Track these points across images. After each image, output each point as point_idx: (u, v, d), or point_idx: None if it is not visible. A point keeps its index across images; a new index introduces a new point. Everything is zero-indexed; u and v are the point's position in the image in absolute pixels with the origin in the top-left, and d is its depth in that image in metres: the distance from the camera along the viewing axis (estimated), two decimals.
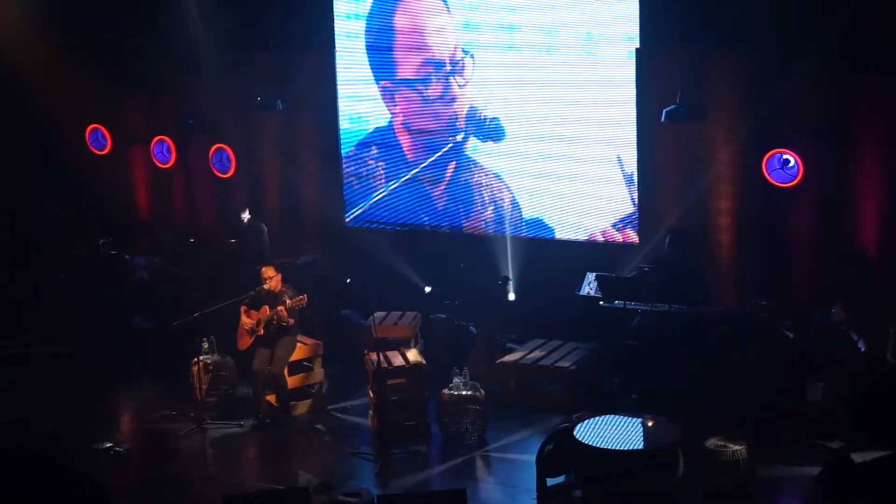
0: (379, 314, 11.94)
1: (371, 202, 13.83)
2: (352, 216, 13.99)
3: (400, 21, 13.24)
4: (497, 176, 13.04)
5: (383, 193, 13.74)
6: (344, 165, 14.01)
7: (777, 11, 10.75)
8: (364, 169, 13.86)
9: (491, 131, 12.95)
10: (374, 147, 13.77)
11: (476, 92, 12.96)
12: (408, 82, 13.30)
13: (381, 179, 13.77)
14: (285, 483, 9.51)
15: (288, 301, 10.79)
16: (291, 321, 10.87)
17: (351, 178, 13.95)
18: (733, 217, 11.84)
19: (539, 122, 12.62)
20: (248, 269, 12.26)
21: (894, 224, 10.98)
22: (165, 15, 14.00)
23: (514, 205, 12.99)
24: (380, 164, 13.74)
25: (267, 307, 10.87)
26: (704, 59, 11.70)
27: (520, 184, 12.92)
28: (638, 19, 11.84)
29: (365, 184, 13.89)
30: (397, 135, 13.60)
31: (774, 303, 10.76)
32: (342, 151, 13.98)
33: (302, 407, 11.25)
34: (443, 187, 13.38)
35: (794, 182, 11.27)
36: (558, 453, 8.92)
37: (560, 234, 12.75)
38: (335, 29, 13.68)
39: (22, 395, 11.96)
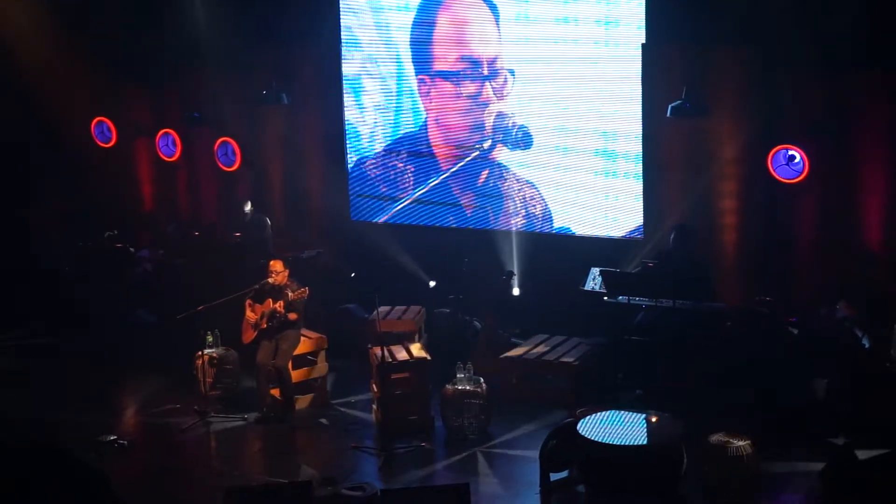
0: (383, 308, 11.93)
1: (398, 208, 13.76)
2: (381, 220, 13.91)
3: (443, 17, 13.13)
4: (529, 182, 12.93)
5: (410, 200, 13.66)
6: (368, 170, 13.91)
7: (782, 7, 10.73)
8: (392, 173, 13.80)
9: (519, 140, 12.86)
10: (403, 152, 13.70)
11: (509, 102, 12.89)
12: (443, 74, 13.17)
13: (409, 184, 13.72)
14: (289, 477, 9.52)
15: (290, 294, 10.78)
16: (293, 316, 10.85)
17: (378, 184, 13.87)
18: (738, 213, 11.82)
19: (567, 131, 12.57)
20: (252, 263, 12.26)
21: None
22: (171, 8, 14.02)
23: (546, 212, 12.90)
24: (408, 167, 13.69)
25: (271, 301, 10.86)
26: (710, 55, 11.67)
27: (550, 192, 12.82)
28: (644, 15, 11.84)
29: (392, 189, 13.83)
30: (430, 138, 13.46)
31: (779, 299, 10.75)
32: (360, 151, 13.92)
33: (305, 401, 11.25)
34: (472, 196, 13.32)
35: (800, 178, 11.26)
36: (562, 448, 8.92)
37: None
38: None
39: (25, 387, 11.96)
